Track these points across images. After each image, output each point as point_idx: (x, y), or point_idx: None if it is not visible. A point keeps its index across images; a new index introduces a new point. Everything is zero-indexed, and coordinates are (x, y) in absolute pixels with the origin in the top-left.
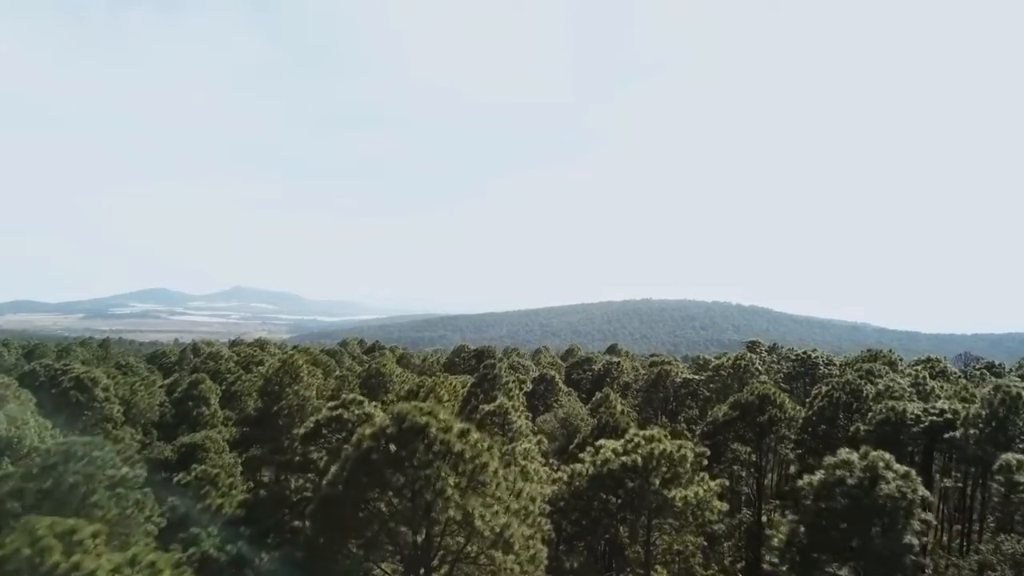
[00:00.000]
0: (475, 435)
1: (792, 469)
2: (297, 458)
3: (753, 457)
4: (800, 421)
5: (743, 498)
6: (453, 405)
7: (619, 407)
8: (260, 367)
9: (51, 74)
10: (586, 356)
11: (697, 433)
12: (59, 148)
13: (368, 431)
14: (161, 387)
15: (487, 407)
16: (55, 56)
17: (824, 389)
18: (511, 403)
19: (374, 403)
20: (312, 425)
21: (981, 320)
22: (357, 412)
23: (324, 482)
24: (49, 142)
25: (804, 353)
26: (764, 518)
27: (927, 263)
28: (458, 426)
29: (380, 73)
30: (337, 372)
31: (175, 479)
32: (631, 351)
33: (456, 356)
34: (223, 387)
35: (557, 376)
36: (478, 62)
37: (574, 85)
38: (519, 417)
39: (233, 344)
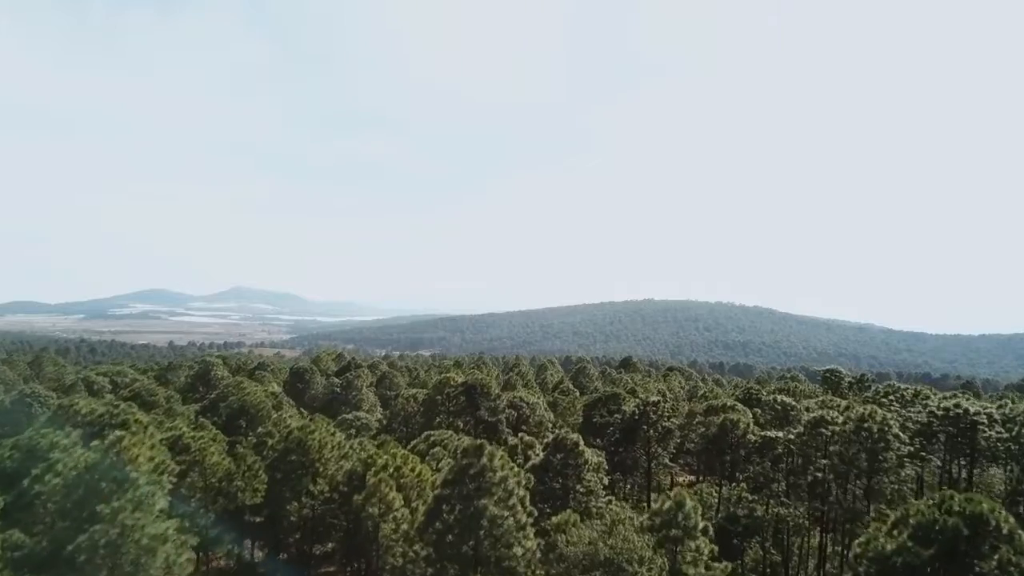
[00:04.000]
0: None
1: None
2: None
3: None
4: None
5: None
6: (415, 508)
7: (698, 518)
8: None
9: (50, 74)
10: (611, 392)
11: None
12: (59, 149)
13: None
14: None
15: None
16: (54, 57)
17: None
18: None
19: None
20: None
21: (987, 321)
22: None
23: None
24: (49, 143)
25: (955, 404)
26: None
27: (931, 263)
28: None
29: (379, 73)
30: (252, 435)
31: None
32: (638, 355)
33: (439, 392)
34: (16, 490)
35: (580, 442)
36: (477, 62)
37: (574, 85)
38: None
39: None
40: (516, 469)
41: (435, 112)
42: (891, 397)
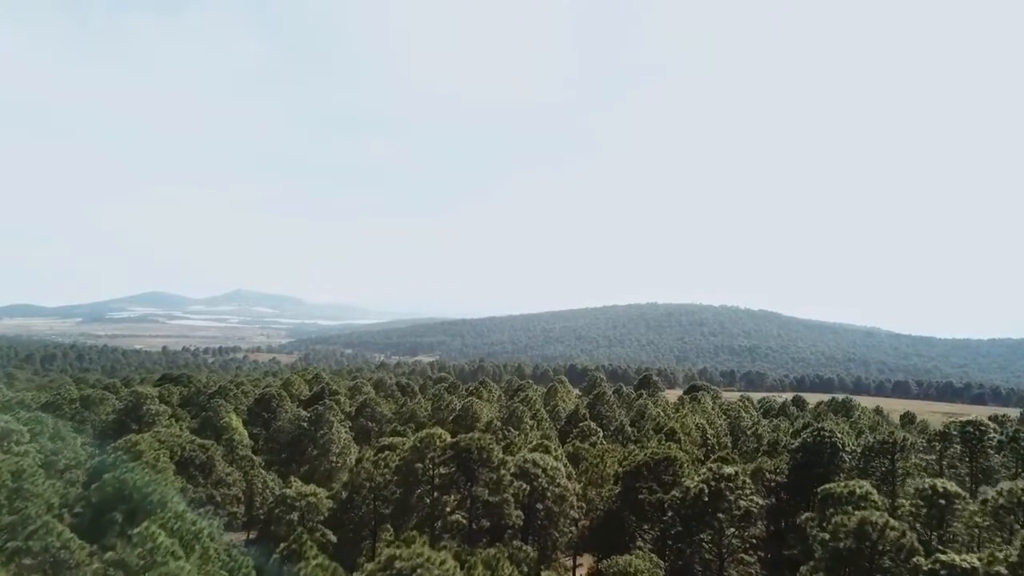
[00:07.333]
0: None
1: None
2: None
3: None
4: None
5: None
6: None
7: None
8: None
9: (51, 76)
10: (663, 454)
11: None
12: (58, 150)
13: None
14: None
15: None
16: (55, 58)
17: None
18: None
19: None
20: None
21: (995, 324)
22: None
23: None
24: (48, 144)
25: None
26: None
27: (930, 266)
28: None
29: (381, 74)
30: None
31: None
32: (643, 360)
33: (420, 456)
34: None
35: None
36: (479, 65)
37: (577, 87)
38: None
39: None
40: None
41: (436, 114)
42: None
